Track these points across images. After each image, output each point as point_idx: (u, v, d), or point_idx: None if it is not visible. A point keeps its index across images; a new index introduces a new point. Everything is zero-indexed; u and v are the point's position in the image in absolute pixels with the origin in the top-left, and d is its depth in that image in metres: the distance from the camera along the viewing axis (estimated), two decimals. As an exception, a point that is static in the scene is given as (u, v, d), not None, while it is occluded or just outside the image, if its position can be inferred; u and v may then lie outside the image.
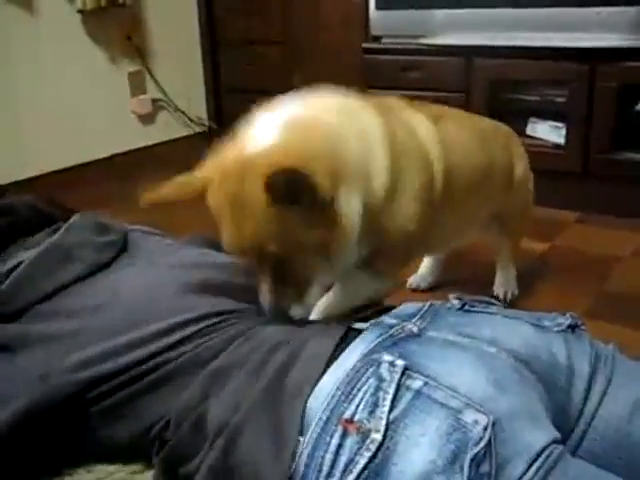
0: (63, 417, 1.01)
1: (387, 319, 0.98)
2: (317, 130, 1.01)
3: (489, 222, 1.62)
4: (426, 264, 1.89)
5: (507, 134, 1.67)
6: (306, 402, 0.86)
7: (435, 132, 1.23)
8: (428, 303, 1.03)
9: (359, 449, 0.79)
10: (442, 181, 1.21)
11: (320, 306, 1.13)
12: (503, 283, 1.79)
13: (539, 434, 0.80)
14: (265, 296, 1.05)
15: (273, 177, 0.91)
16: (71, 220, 1.23)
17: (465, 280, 1.86)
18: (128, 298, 1.09)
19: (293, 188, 0.92)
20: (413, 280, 1.89)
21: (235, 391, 0.93)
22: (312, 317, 1.12)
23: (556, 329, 0.99)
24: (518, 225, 1.75)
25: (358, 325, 0.99)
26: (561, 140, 2.54)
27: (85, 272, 1.14)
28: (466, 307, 1.03)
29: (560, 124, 2.55)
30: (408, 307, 1.03)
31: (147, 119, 3.34)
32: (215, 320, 1.04)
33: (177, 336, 1.01)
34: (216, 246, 1.32)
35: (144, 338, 1.01)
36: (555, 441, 0.81)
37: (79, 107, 2.98)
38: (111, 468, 1.05)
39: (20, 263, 1.13)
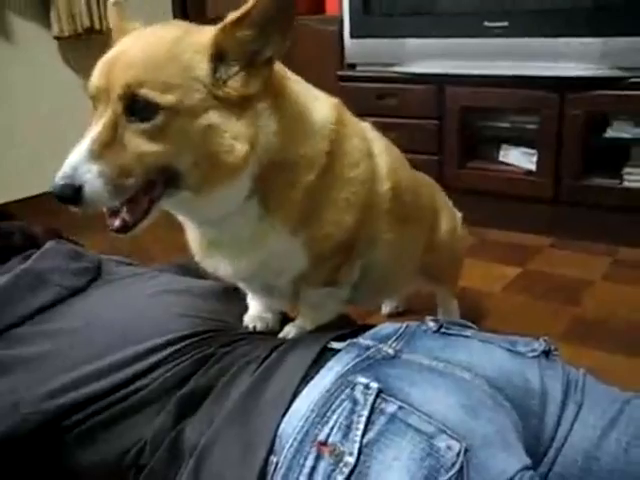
0: (35, 445, 1.00)
1: (363, 340, 0.98)
2: None
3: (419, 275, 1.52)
4: None
5: (432, 183, 1.58)
6: (280, 422, 0.86)
7: (380, 136, 1.19)
8: (405, 324, 1.03)
9: (332, 472, 0.79)
10: (386, 185, 1.13)
11: (293, 330, 1.12)
12: (444, 314, 1.74)
13: (511, 461, 0.80)
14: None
15: None
16: (45, 246, 1.22)
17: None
18: (102, 324, 1.08)
19: None
20: (387, 306, 1.92)
21: (207, 412, 0.93)
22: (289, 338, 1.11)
23: (530, 355, 1.00)
24: (451, 275, 1.70)
25: (335, 344, 0.98)
26: (532, 166, 2.59)
27: (61, 296, 1.14)
28: (442, 330, 1.03)
29: (531, 150, 2.61)
30: (385, 327, 1.03)
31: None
32: (187, 343, 1.04)
33: (151, 360, 1.01)
34: (189, 272, 1.32)
35: (117, 364, 1.01)
36: (526, 467, 0.81)
37: (55, 134, 2.96)
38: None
39: None
